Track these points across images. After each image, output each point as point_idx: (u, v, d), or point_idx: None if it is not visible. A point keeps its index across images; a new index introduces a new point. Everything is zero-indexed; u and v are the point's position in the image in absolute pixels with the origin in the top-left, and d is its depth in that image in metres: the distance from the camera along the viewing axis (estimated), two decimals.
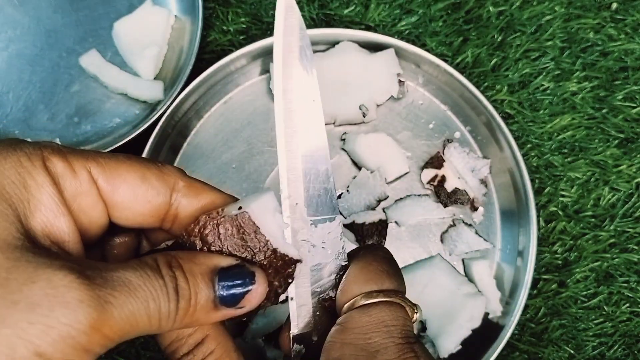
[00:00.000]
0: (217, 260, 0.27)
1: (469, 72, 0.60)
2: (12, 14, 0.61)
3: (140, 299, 0.24)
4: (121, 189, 0.27)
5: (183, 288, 0.25)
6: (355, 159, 0.58)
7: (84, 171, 0.26)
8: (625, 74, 0.61)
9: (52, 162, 0.26)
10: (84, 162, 0.26)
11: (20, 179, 0.25)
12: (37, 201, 0.25)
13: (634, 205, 0.59)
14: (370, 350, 0.27)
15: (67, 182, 0.26)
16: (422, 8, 0.61)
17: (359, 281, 0.30)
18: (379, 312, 0.28)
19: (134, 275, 0.24)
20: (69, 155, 0.26)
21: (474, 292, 0.55)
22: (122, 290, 0.23)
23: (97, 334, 0.23)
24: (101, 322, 0.23)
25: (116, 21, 0.59)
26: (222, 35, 0.61)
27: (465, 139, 0.59)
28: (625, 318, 0.57)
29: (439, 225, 0.57)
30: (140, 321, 0.24)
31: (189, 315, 0.26)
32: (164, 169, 0.29)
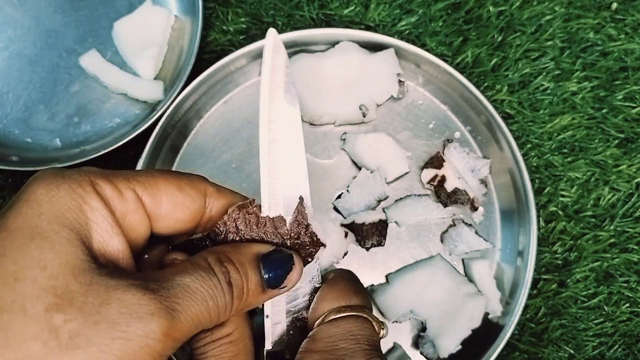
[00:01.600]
0: (259, 247, 0.30)
1: (469, 72, 0.60)
2: (12, 13, 0.61)
3: (201, 300, 0.26)
4: (163, 201, 0.30)
5: (236, 279, 0.28)
6: (355, 159, 0.58)
7: (129, 191, 0.28)
8: (625, 74, 0.61)
9: (100, 185, 0.27)
10: (127, 183, 0.28)
11: (76, 204, 0.26)
12: (93, 224, 0.27)
13: (634, 205, 0.59)
14: (338, 355, 0.29)
15: (116, 203, 0.28)
16: (422, 8, 0.61)
17: (328, 298, 0.32)
18: (346, 324, 0.31)
19: (191, 279, 0.27)
20: (113, 178, 0.28)
21: (474, 292, 0.55)
22: (184, 297, 0.26)
23: (169, 339, 0.25)
24: (172, 329, 0.25)
25: (116, 21, 0.59)
26: (222, 35, 0.61)
27: (465, 139, 0.59)
28: (625, 318, 0.57)
29: (439, 225, 0.57)
30: (203, 319, 0.27)
31: (243, 302, 0.29)
32: (192, 178, 0.31)
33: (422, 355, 0.55)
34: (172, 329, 0.25)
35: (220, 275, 0.28)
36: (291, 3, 0.61)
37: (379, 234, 0.56)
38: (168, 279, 0.26)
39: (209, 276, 0.27)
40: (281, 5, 0.61)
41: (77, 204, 0.26)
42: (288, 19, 0.61)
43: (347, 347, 0.30)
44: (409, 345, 0.55)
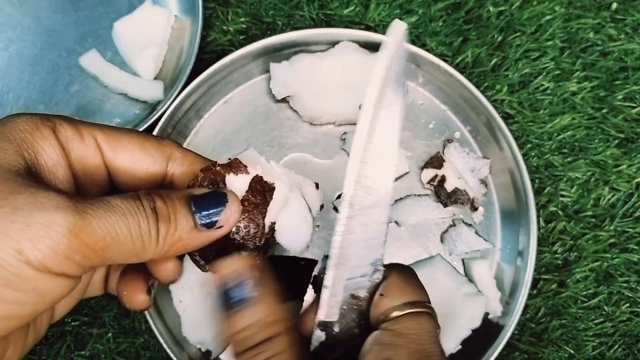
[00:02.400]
0: (192, 190, 0.30)
1: (469, 72, 0.60)
2: (12, 13, 0.61)
3: (119, 214, 0.27)
4: (122, 155, 0.31)
5: (161, 207, 0.28)
6: None
7: (90, 137, 0.30)
8: (625, 74, 0.61)
9: (64, 126, 0.30)
10: (91, 130, 0.30)
11: (29, 129, 0.28)
12: (40, 149, 0.28)
13: (634, 205, 0.59)
14: (424, 354, 0.30)
15: (75, 144, 0.30)
16: (422, 8, 0.61)
17: (405, 290, 0.32)
18: (426, 322, 0.31)
19: (113, 197, 0.27)
20: (79, 124, 0.30)
21: (474, 292, 0.55)
22: (99, 205, 0.26)
23: (75, 240, 0.25)
24: (79, 228, 0.25)
25: (116, 21, 0.59)
26: (222, 35, 0.61)
27: (465, 139, 0.59)
28: (625, 318, 0.57)
29: (439, 225, 0.57)
30: (121, 235, 0.27)
31: (171, 234, 0.28)
32: (162, 142, 0.32)
33: None
34: (80, 229, 0.25)
35: (144, 201, 0.28)
36: (291, 3, 0.61)
37: None
38: (91, 197, 0.27)
39: (132, 198, 0.28)
40: (281, 5, 0.61)
41: (30, 128, 0.28)
42: (288, 19, 0.61)
43: (432, 350, 0.30)
44: None
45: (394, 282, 0.32)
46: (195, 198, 0.30)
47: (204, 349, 0.54)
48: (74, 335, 0.55)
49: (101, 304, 0.55)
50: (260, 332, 0.29)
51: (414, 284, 0.32)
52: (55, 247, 0.25)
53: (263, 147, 0.58)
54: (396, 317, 0.31)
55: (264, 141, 0.58)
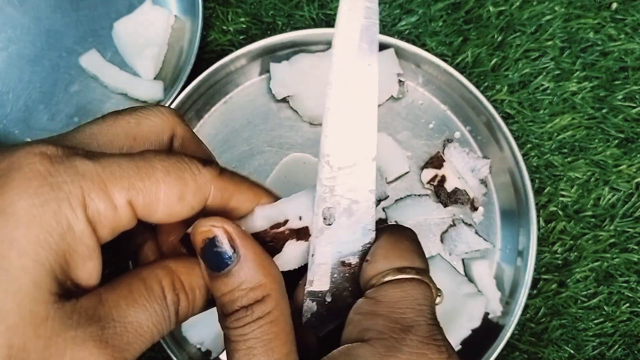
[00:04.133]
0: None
1: (469, 72, 0.60)
2: (12, 13, 0.61)
3: (148, 339, 0.26)
4: (158, 211, 0.27)
5: (184, 308, 0.28)
6: None
7: (124, 204, 0.26)
8: (625, 74, 0.61)
9: (94, 201, 0.24)
10: (125, 193, 0.25)
11: (60, 231, 0.24)
12: (73, 251, 0.24)
13: (634, 205, 0.59)
14: (404, 324, 0.28)
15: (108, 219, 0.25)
16: (422, 8, 0.61)
17: (390, 256, 0.30)
18: (412, 289, 0.29)
19: (145, 316, 0.26)
20: (110, 186, 0.25)
21: (474, 292, 0.55)
22: (134, 341, 0.25)
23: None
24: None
25: (116, 21, 0.59)
26: (222, 35, 0.61)
27: (465, 139, 0.59)
28: (625, 318, 0.57)
29: (439, 225, 0.57)
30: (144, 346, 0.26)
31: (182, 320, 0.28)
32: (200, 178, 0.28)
33: None
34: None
35: (171, 307, 0.27)
36: (291, 3, 0.61)
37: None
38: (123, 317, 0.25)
39: (162, 310, 0.26)
40: (281, 5, 0.61)
41: (61, 230, 0.23)
42: (288, 19, 0.61)
43: (414, 319, 0.28)
44: None
45: (380, 246, 0.30)
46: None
47: (204, 349, 0.54)
48: None
49: None
50: (249, 293, 0.27)
51: (403, 247, 0.30)
52: None
53: (263, 147, 0.58)
54: (379, 285, 0.29)
55: (264, 141, 0.58)
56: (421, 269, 0.30)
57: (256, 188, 0.30)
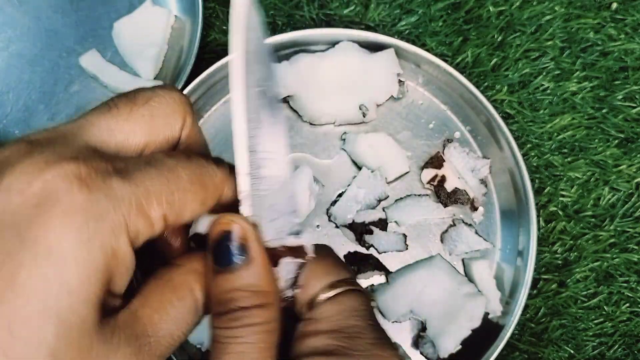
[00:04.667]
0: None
1: (469, 72, 0.60)
2: (12, 13, 0.61)
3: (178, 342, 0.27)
4: (185, 219, 0.27)
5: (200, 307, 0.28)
6: (356, 159, 0.58)
7: (159, 218, 0.26)
8: (625, 74, 0.61)
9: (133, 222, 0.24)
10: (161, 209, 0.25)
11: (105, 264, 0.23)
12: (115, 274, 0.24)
13: (634, 205, 0.59)
14: (350, 333, 0.28)
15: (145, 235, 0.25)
16: (422, 8, 0.61)
17: (318, 275, 0.29)
18: (348, 300, 0.29)
19: (176, 326, 0.26)
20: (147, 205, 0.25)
21: (474, 292, 0.55)
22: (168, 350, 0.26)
23: None
24: None
25: (116, 21, 0.59)
26: (222, 35, 0.61)
27: (465, 138, 0.59)
28: (625, 318, 0.57)
29: (439, 225, 0.57)
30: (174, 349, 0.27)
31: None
32: (216, 180, 0.28)
33: (422, 355, 0.55)
34: None
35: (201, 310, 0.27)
36: (291, 3, 0.61)
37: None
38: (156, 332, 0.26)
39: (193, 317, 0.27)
40: (281, 5, 0.61)
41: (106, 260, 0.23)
42: (288, 19, 0.61)
43: (357, 325, 0.28)
44: (409, 345, 0.55)
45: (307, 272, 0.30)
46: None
47: (204, 348, 0.54)
48: None
49: None
50: (252, 296, 0.27)
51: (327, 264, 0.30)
52: None
53: None
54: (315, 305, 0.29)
55: None
56: (349, 278, 0.30)
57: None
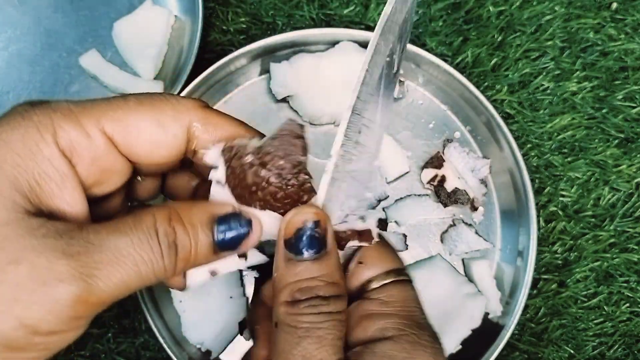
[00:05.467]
0: (215, 208, 0.28)
1: (469, 72, 0.60)
2: (12, 13, 0.61)
3: (130, 265, 0.25)
4: (139, 141, 0.27)
5: (183, 240, 0.26)
6: None
7: (97, 132, 0.26)
8: (625, 74, 0.61)
9: (64, 129, 0.26)
10: (97, 122, 0.26)
11: (28, 152, 0.25)
12: (42, 173, 0.25)
13: (634, 205, 0.59)
14: (415, 320, 0.29)
15: (82, 148, 0.26)
16: (422, 8, 0.61)
17: (385, 258, 0.31)
18: (411, 290, 0.31)
19: (125, 241, 0.25)
20: (81, 117, 0.26)
21: (474, 292, 0.55)
22: (109, 262, 0.24)
23: (82, 306, 0.24)
24: (85, 296, 0.24)
25: (116, 21, 0.59)
26: (222, 35, 0.61)
27: (465, 138, 0.59)
28: (625, 318, 0.57)
29: (439, 225, 0.57)
30: (132, 284, 0.25)
31: (190, 262, 0.27)
32: (178, 107, 0.28)
33: None
34: (87, 296, 0.24)
35: (162, 237, 0.26)
36: (291, 3, 0.61)
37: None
38: (99, 240, 0.25)
39: (147, 238, 0.25)
40: (281, 5, 0.61)
41: (28, 151, 0.25)
42: (288, 19, 0.61)
43: (421, 316, 0.30)
44: None
45: (372, 249, 0.31)
46: (219, 220, 0.27)
47: (204, 349, 0.54)
48: None
49: None
50: (330, 287, 0.28)
51: (390, 251, 0.32)
52: (62, 315, 0.24)
53: None
54: (380, 286, 0.30)
55: None
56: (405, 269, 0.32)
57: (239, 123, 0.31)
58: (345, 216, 0.31)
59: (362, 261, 0.31)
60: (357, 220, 0.31)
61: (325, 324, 0.28)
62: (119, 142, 0.27)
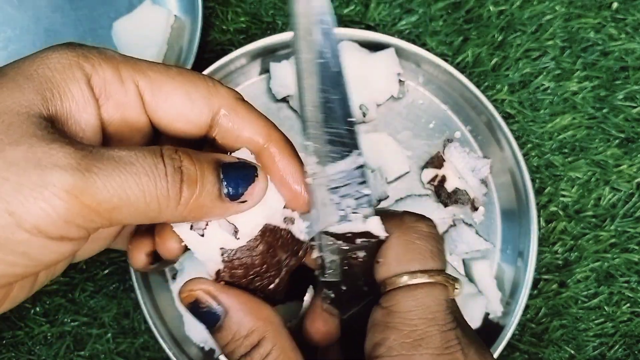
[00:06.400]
0: (220, 156, 0.27)
1: (470, 71, 0.60)
2: (11, 13, 0.61)
3: (130, 172, 0.24)
4: (165, 106, 0.28)
5: (188, 168, 0.25)
6: None
7: (131, 83, 0.27)
8: (625, 74, 0.61)
9: (103, 68, 0.27)
10: (133, 74, 0.27)
11: (60, 67, 0.26)
12: (66, 90, 0.26)
13: (634, 205, 0.59)
14: (415, 338, 0.27)
15: (113, 89, 0.27)
16: (423, 7, 0.60)
17: (402, 258, 0.29)
18: (424, 297, 0.28)
19: (129, 153, 0.24)
20: (121, 65, 0.27)
21: (474, 293, 0.55)
22: (109, 164, 0.23)
23: (75, 202, 0.23)
24: (79, 190, 0.22)
25: (115, 20, 0.59)
26: (222, 35, 0.61)
27: (466, 138, 0.59)
28: (625, 318, 0.57)
29: (440, 225, 0.57)
30: (132, 196, 0.24)
31: (195, 199, 0.25)
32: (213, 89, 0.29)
33: None
34: (80, 190, 0.22)
35: (167, 159, 0.25)
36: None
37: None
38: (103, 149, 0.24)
39: (152, 154, 0.25)
40: (281, 4, 0.61)
41: (62, 70, 0.26)
42: (288, 18, 0.61)
43: (425, 330, 0.27)
44: None
45: (391, 246, 0.29)
46: (224, 165, 0.27)
47: (207, 347, 0.54)
48: (73, 335, 0.55)
49: (101, 304, 0.55)
50: (246, 341, 0.28)
51: (414, 248, 0.29)
52: (51, 210, 0.22)
53: None
54: (390, 291, 0.28)
55: None
56: (435, 270, 0.29)
57: (270, 124, 0.30)
58: (347, 215, 0.30)
59: (379, 260, 0.29)
60: (360, 219, 0.30)
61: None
62: (146, 101, 0.28)
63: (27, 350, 0.54)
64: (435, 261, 0.29)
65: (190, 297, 0.28)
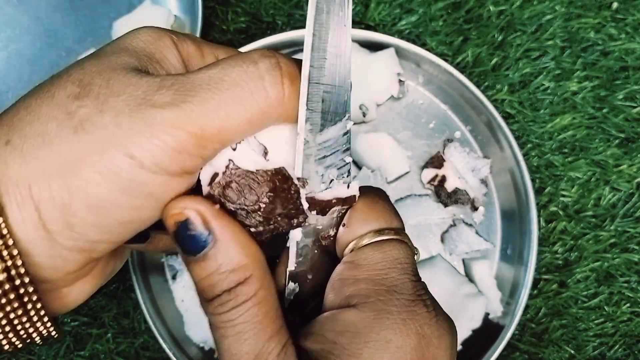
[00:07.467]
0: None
1: (470, 71, 0.60)
2: (11, 13, 0.61)
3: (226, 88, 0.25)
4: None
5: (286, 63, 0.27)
6: (356, 158, 0.57)
7: (212, 57, 0.30)
8: (625, 74, 0.61)
9: (188, 44, 0.29)
10: (214, 53, 0.30)
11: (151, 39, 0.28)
12: (162, 56, 0.28)
13: (634, 205, 0.59)
14: (388, 285, 0.27)
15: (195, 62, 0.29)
16: (423, 7, 0.60)
17: (368, 218, 0.29)
18: (392, 250, 0.28)
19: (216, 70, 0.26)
20: (203, 45, 0.30)
21: (474, 292, 0.55)
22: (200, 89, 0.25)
23: (182, 134, 0.24)
24: (182, 123, 0.24)
25: (116, 20, 0.59)
26: (222, 35, 0.61)
27: (466, 138, 0.59)
28: (625, 318, 0.57)
29: (439, 225, 0.57)
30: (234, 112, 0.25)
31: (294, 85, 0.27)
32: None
33: None
34: (183, 122, 0.24)
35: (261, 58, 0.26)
36: (291, 2, 0.61)
37: None
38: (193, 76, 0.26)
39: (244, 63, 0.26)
40: (281, 4, 0.61)
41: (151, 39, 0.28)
42: (288, 18, 0.61)
43: (396, 278, 0.27)
44: None
45: (356, 210, 0.29)
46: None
47: (207, 347, 0.54)
48: (73, 335, 0.55)
49: (100, 304, 0.55)
50: (230, 276, 0.26)
51: (379, 208, 0.29)
52: (165, 145, 0.24)
53: None
54: (359, 248, 0.28)
55: None
56: (399, 228, 0.29)
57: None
58: (329, 182, 0.29)
59: (346, 223, 0.29)
60: (342, 185, 0.29)
61: (242, 317, 0.26)
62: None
63: (27, 350, 0.54)
64: (398, 221, 0.30)
65: (180, 216, 0.26)
